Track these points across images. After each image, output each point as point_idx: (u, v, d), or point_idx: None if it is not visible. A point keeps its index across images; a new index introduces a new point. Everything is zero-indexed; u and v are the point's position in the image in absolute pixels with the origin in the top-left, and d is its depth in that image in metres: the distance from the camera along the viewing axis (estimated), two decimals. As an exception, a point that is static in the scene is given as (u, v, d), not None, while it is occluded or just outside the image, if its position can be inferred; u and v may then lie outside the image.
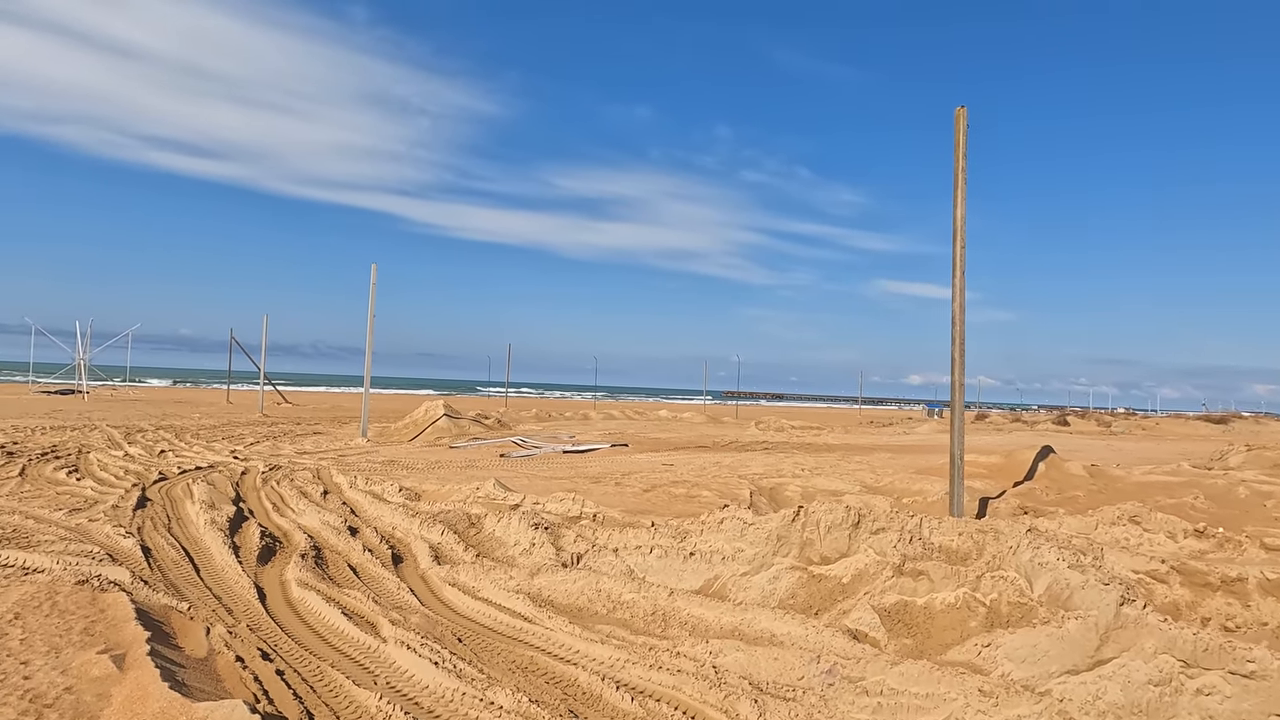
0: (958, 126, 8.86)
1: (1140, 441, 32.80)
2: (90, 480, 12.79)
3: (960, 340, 8.75)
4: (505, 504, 10.92)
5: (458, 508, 10.95)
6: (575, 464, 17.47)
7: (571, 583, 7.20)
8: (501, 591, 7.25)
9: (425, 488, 13.03)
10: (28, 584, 6.06)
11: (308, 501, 11.69)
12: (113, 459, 16.06)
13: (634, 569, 7.57)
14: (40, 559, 6.95)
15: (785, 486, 12.32)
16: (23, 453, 16.61)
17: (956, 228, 8.78)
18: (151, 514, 9.92)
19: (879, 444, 27.39)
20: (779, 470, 15.51)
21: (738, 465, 16.87)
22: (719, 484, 12.24)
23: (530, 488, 12.55)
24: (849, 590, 6.50)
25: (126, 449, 18.16)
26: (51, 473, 13.80)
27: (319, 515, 10.49)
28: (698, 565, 7.36)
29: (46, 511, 9.67)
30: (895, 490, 11.64)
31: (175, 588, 6.74)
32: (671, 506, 10.35)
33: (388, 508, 11.06)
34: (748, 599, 6.75)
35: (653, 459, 18.64)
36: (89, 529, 8.63)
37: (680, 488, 11.95)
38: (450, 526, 9.72)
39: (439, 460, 18.24)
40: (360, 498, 12.25)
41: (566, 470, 15.90)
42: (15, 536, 8.05)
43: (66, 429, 24.00)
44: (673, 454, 20.40)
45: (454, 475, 15.01)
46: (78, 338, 57.85)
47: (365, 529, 9.82)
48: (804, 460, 18.34)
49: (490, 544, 9.14)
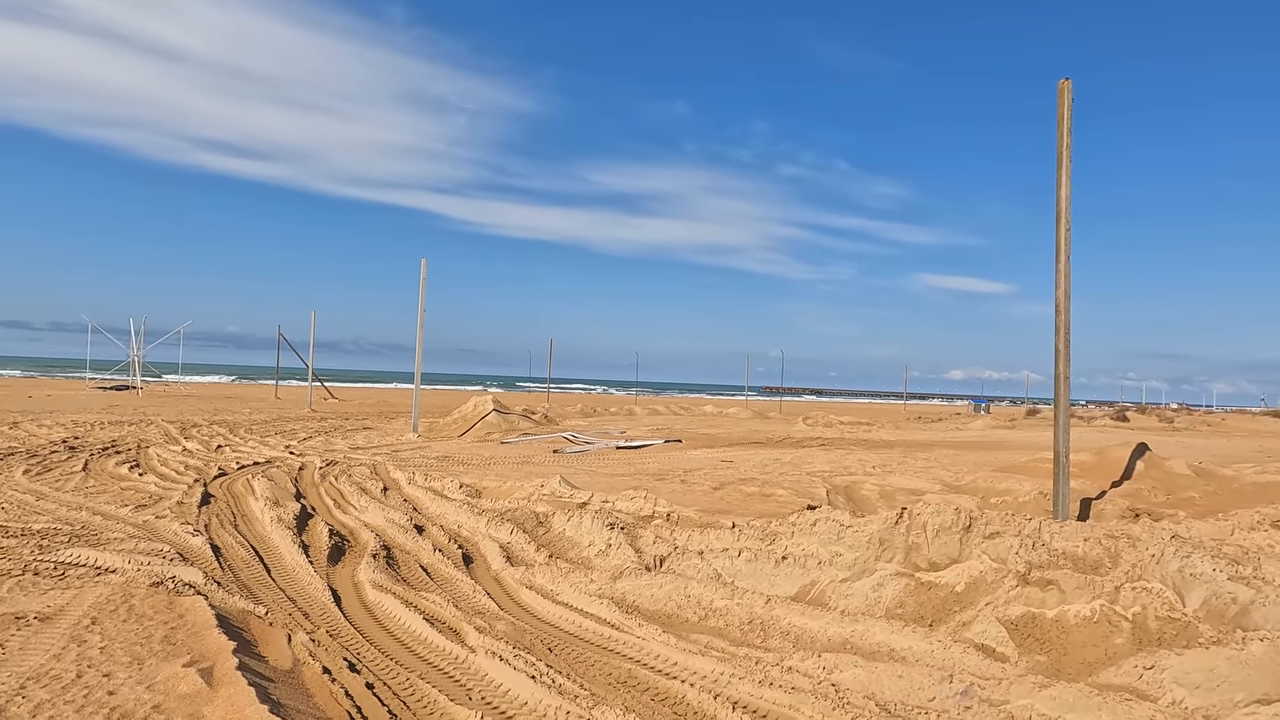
0: (1061, 100, 8.24)
1: (1209, 438, 31.43)
2: (153, 476, 12.73)
3: (1065, 330, 8.14)
4: (572, 502, 10.56)
5: (523, 506, 10.62)
6: (632, 460, 17.09)
7: (657, 587, 6.80)
8: (583, 596, 6.87)
9: (485, 484, 12.74)
10: (101, 585, 5.82)
11: (369, 498, 11.46)
12: (172, 454, 16.08)
13: (721, 573, 7.14)
14: (112, 558, 6.74)
15: (859, 485, 11.77)
16: (84, 447, 16.73)
17: (1060, 209, 8.17)
18: (217, 511, 9.75)
19: (936, 440, 26.58)
20: (846, 468, 14.95)
21: (800, 462, 16.33)
22: (790, 482, 11.74)
23: (594, 485, 12.18)
24: (964, 600, 5.99)
25: (184, 444, 18.23)
26: (114, 468, 13.81)
27: (383, 513, 10.24)
28: (791, 570, 6.90)
29: (113, 507, 9.55)
30: (979, 489, 11.03)
31: (249, 590, 6.48)
32: (747, 506, 9.89)
33: (450, 505, 10.77)
34: (850, 607, 6.28)
35: (710, 455, 18.18)
36: (157, 526, 8.45)
37: (751, 486, 11.48)
38: (519, 525, 9.39)
39: (493, 456, 17.99)
40: (420, 494, 12.00)
41: (625, 467, 15.52)
42: (85, 534, 7.88)
43: (124, 424, 24.31)
44: (729, 450, 19.92)
45: (512, 472, 14.72)
46: (131, 335, 59.16)
47: (431, 527, 9.53)
48: (867, 457, 17.73)
49: (562, 544, 8.77)
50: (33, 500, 10.03)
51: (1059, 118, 8.24)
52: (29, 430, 20.53)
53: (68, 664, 4.22)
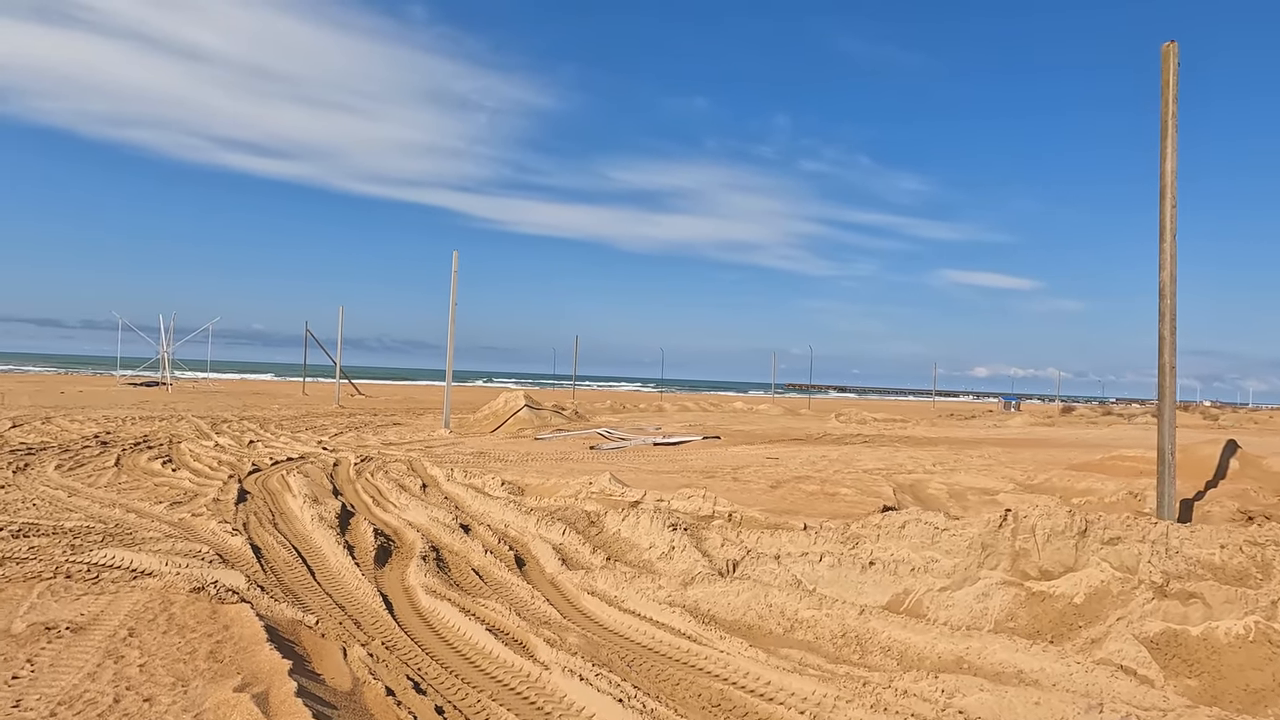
0: (1166, 65, 7.55)
1: (1263, 435, 30.29)
2: (186, 471, 12.36)
3: (1170, 315, 7.46)
4: (624, 501, 10.02)
5: (572, 504, 10.09)
6: (673, 457, 16.52)
7: (734, 595, 6.23)
8: (652, 603, 6.32)
9: (528, 481, 12.23)
10: (138, 591, 5.35)
11: (408, 495, 10.99)
12: (204, 449, 15.75)
13: (802, 579, 6.55)
14: (148, 560, 6.29)
15: (924, 484, 11.12)
16: (116, 442, 16.46)
17: (1165, 184, 7.48)
18: (254, 509, 9.31)
19: (979, 437, 25.74)
20: (900, 465, 14.28)
21: (848, 459, 15.67)
22: (851, 480, 11.11)
23: (642, 482, 11.62)
24: (1087, 614, 5.36)
25: (216, 439, 17.92)
26: (146, 463, 13.47)
27: (425, 511, 9.75)
28: (880, 576, 6.30)
29: (147, 504, 9.14)
30: (1056, 489, 10.34)
31: (294, 595, 5.99)
32: (813, 506, 9.29)
33: (495, 503, 10.26)
34: (953, 619, 5.67)
35: (753, 452, 17.56)
36: (193, 525, 8.01)
37: (810, 484, 10.87)
38: (570, 525, 8.85)
39: (529, 452, 17.50)
40: (460, 492, 11.51)
41: (668, 464, 14.95)
42: (119, 533, 7.45)
43: (155, 419, 24.14)
44: (770, 447, 19.28)
45: (553, 469, 14.20)
46: (161, 332, 59.53)
47: (478, 526, 9.03)
48: (918, 455, 17.02)
49: (619, 546, 8.23)
50: (65, 496, 9.65)
51: (1163, 84, 7.54)
52: (61, 425, 20.35)
53: (104, 685, 3.73)
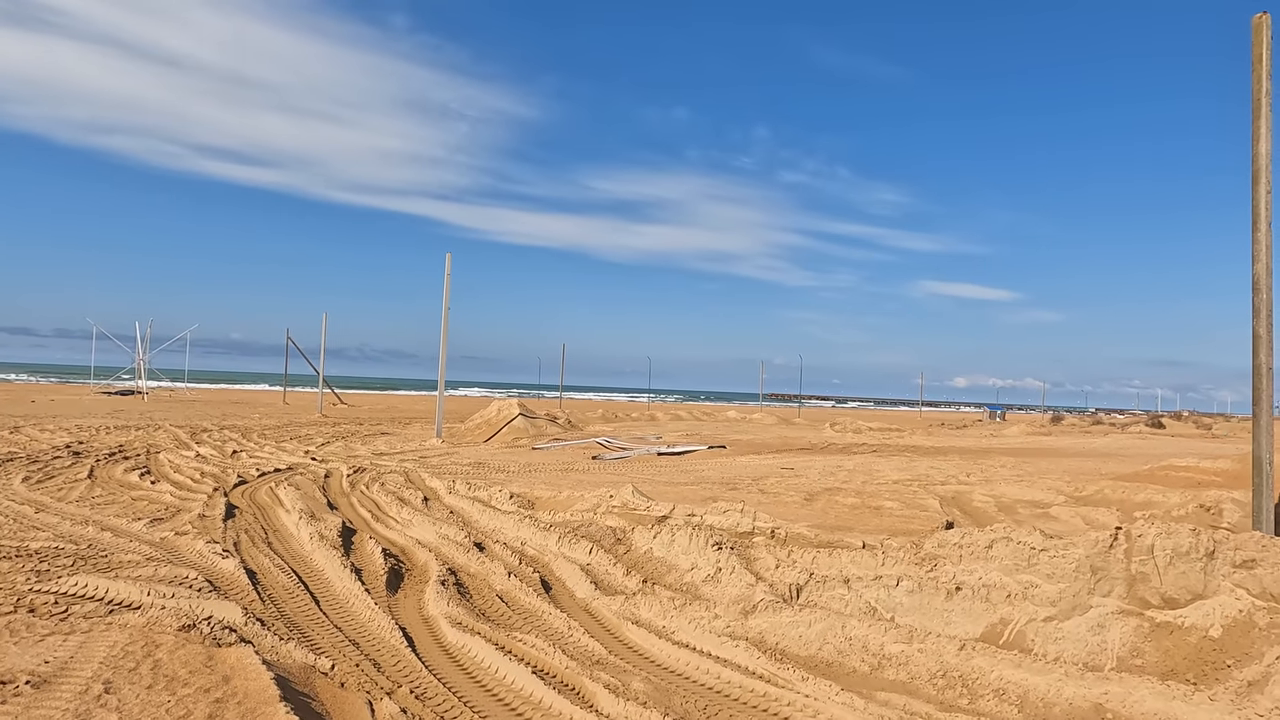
0: (1259, 39, 6.91)
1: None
2: (167, 484, 11.40)
3: (1266, 312, 6.79)
4: (650, 515, 9.22)
5: (591, 519, 9.28)
6: (683, 467, 15.73)
7: (805, 626, 5.44)
8: (709, 636, 5.52)
9: (538, 494, 11.39)
10: (116, 629, 4.48)
11: (410, 510, 10.13)
12: (184, 460, 14.76)
13: (877, 607, 5.78)
14: (127, 589, 5.41)
15: (967, 496, 10.40)
16: (90, 453, 15.42)
17: (1260, 168, 6.83)
18: (244, 526, 8.41)
19: (985, 447, 25.19)
20: (925, 476, 13.58)
21: (865, 470, 14.97)
22: (889, 492, 10.38)
23: (660, 495, 10.83)
24: (1228, 649, 4.63)
25: (197, 449, 16.90)
26: (123, 474, 12.47)
27: (433, 527, 8.90)
28: (970, 604, 5.54)
29: (124, 521, 8.21)
30: (1111, 501, 9.66)
31: (300, 630, 5.14)
32: (861, 521, 8.53)
33: (507, 518, 9.42)
34: (1066, 654, 4.92)
35: (764, 462, 16.81)
36: (178, 545, 7.11)
37: (845, 496, 10.12)
38: (595, 542, 8.04)
39: (529, 463, 16.64)
40: (466, 506, 10.66)
41: (681, 475, 14.17)
42: (92, 555, 6.54)
43: (131, 428, 23.02)
44: (779, 457, 18.55)
45: (559, 480, 13.37)
46: (138, 339, 57.92)
47: (493, 545, 8.19)
48: (938, 464, 16.35)
49: (655, 567, 7.42)
50: (31, 512, 8.70)
51: (1255, 59, 6.90)
52: (30, 435, 19.22)
53: (72, 764, 2.89)
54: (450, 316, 22.43)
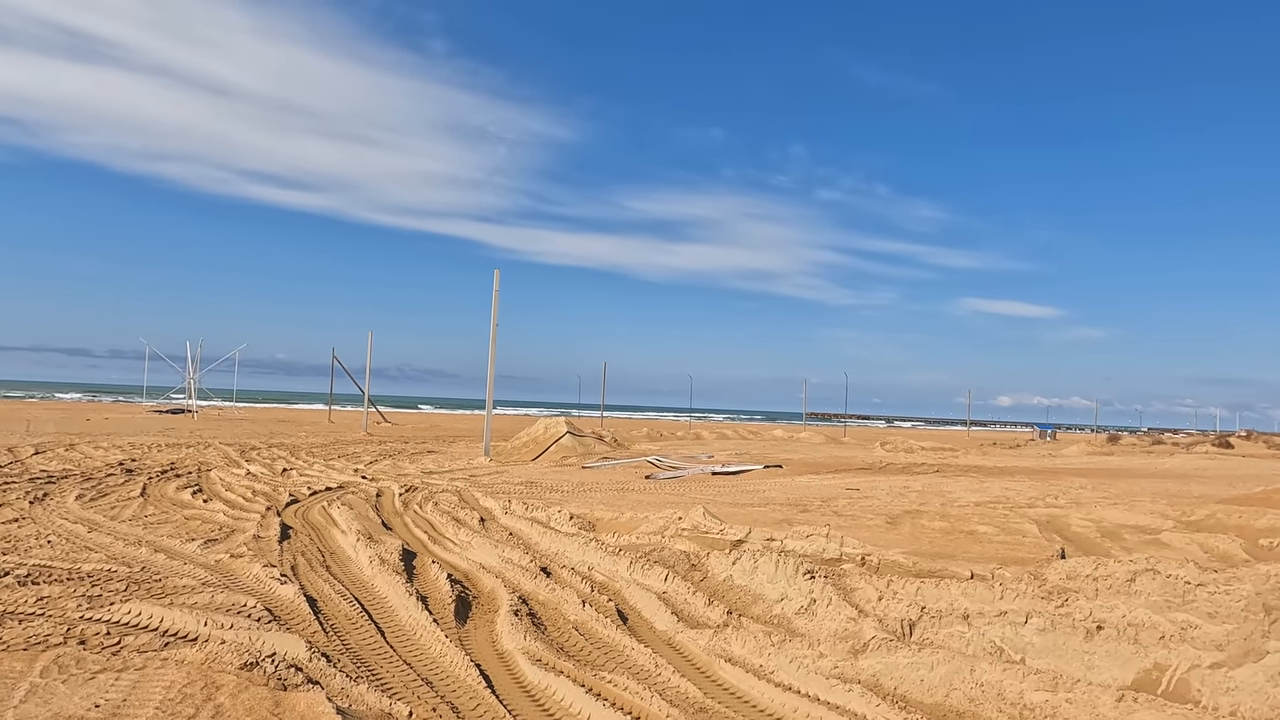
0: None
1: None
2: (219, 503, 11.13)
3: None
4: (724, 539, 8.64)
5: (659, 542, 8.73)
6: (742, 487, 15.10)
7: (927, 668, 4.83)
8: (816, 678, 4.93)
9: (597, 515, 10.88)
10: (172, 666, 4.05)
11: (467, 531, 9.69)
12: (235, 478, 14.56)
13: (1004, 647, 5.14)
14: (183, 618, 5.00)
15: (1063, 520, 9.63)
16: (142, 470, 15.32)
17: None
18: (300, 547, 8.03)
19: (1052, 467, 24.10)
20: (1002, 498, 12.79)
21: (938, 491, 14.20)
22: (977, 516, 9.67)
23: (727, 516, 10.24)
24: None
25: (247, 467, 16.74)
26: (175, 493, 12.26)
27: (494, 550, 8.44)
28: (1115, 646, 4.87)
29: (178, 542, 7.88)
30: (1228, 526, 8.83)
31: (368, 668, 4.67)
32: (960, 548, 7.87)
33: (570, 541, 8.92)
34: (1244, 709, 4.23)
35: (826, 482, 16.11)
36: (234, 569, 6.73)
37: (930, 519, 9.45)
38: (670, 569, 7.49)
39: (582, 482, 16.15)
40: (524, 527, 10.18)
41: (743, 495, 13.55)
42: (145, 579, 6.18)
43: (181, 446, 23.10)
44: (839, 477, 17.82)
45: (616, 500, 12.85)
46: (188, 359, 59.07)
47: (559, 570, 7.68)
48: (1013, 486, 15.50)
49: (738, 596, 6.84)
50: (84, 532, 8.43)
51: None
52: (85, 452, 19.30)
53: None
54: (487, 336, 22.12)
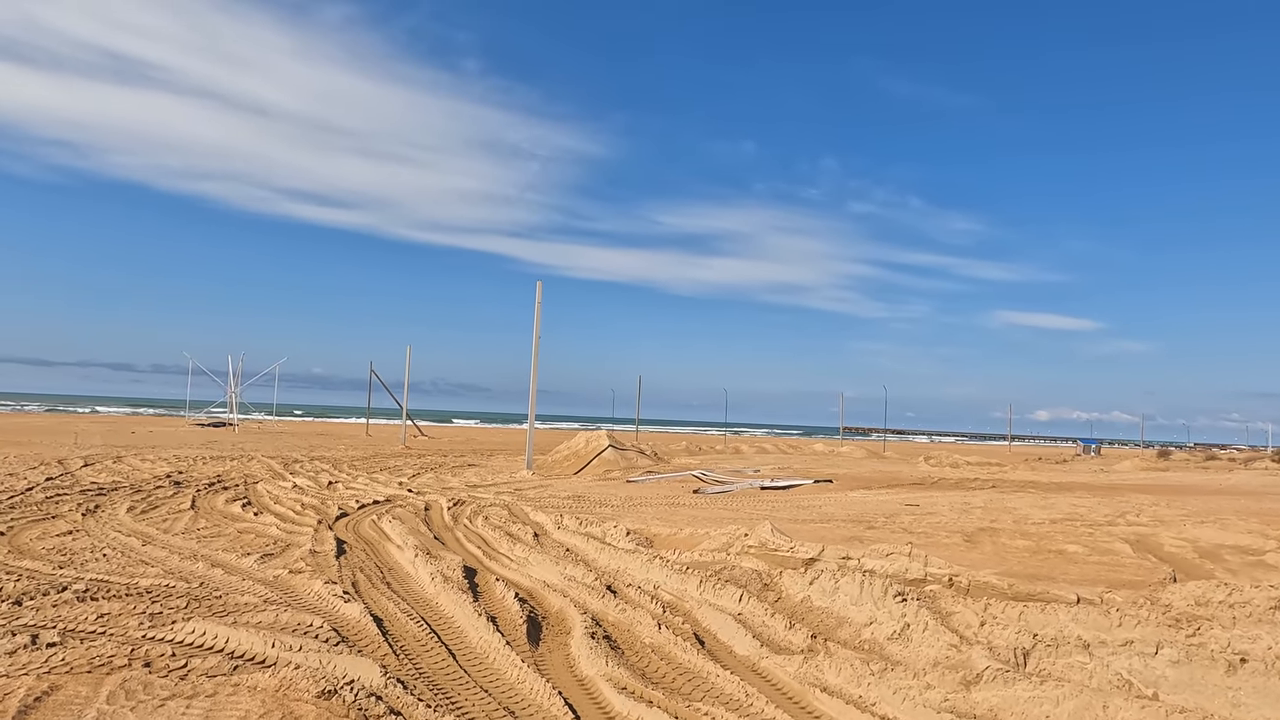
0: None
1: None
2: (270, 516, 10.97)
3: None
4: (795, 557, 8.23)
5: (725, 560, 8.35)
6: (796, 503, 14.64)
7: (1052, 703, 4.39)
8: (926, 711, 4.52)
9: (654, 530, 10.53)
10: (244, 693, 3.78)
11: (523, 546, 9.38)
12: (283, 490, 14.45)
13: (1133, 680, 4.68)
14: (250, 639, 4.73)
15: (1155, 539, 9.05)
16: (190, 482, 15.29)
17: None
18: (358, 563, 7.78)
19: (1110, 483, 23.23)
20: (1075, 514, 12.19)
21: (1001, 507, 13.62)
22: (1059, 534, 9.15)
23: (794, 534, 9.81)
24: None
25: (293, 480, 16.65)
26: (224, 505, 12.15)
27: (555, 567, 8.12)
28: (1264, 681, 4.40)
29: (234, 556, 7.68)
30: (1339, 548, 8.22)
31: (445, 695, 4.36)
32: (1054, 568, 7.38)
33: (631, 558, 8.57)
34: None
35: (882, 498, 15.58)
36: (294, 585, 6.48)
37: (1009, 538, 8.94)
38: (743, 588, 7.11)
39: (630, 496, 15.80)
40: (579, 542, 9.86)
41: (800, 511, 13.10)
42: (205, 595, 5.95)
43: (225, 459, 23.19)
44: (895, 492, 17.26)
45: (670, 515, 12.48)
46: (229, 373, 59.89)
47: (624, 589, 7.33)
48: (1082, 502, 14.84)
49: (820, 619, 6.43)
50: (138, 545, 8.28)
51: None
52: (132, 464, 19.41)
53: None
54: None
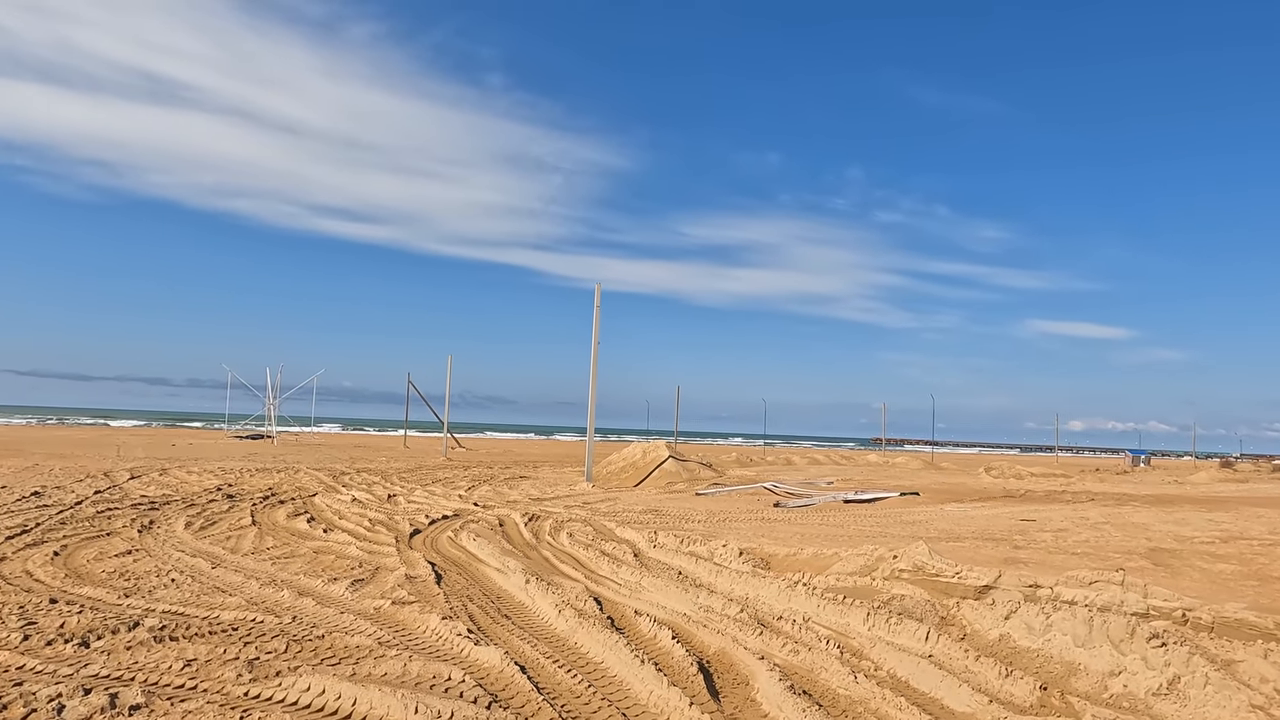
0: None
1: None
2: (343, 534, 9.99)
3: None
4: (962, 584, 7.04)
5: (872, 586, 7.19)
6: (895, 517, 13.41)
7: None
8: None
9: (769, 550, 9.39)
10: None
11: (627, 568, 8.32)
12: (343, 505, 13.52)
13: None
14: (385, 703, 3.68)
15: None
16: (243, 496, 14.42)
17: None
18: (461, 590, 6.73)
19: (1204, 496, 21.67)
20: (1236, 532, 10.86)
21: (1121, 522, 12.32)
22: (1263, 556, 7.88)
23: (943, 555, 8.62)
24: None
25: (352, 493, 15.72)
26: (286, 520, 11.21)
27: (684, 595, 7.03)
28: None
29: (319, 583, 6.66)
30: None
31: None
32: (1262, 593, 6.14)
33: (763, 584, 7.44)
34: None
35: (987, 512, 14.30)
36: (405, 622, 5.44)
37: (1211, 562, 7.70)
38: (919, 622, 5.96)
39: (712, 511, 14.65)
40: (687, 564, 8.76)
41: (907, 528, 11.89)
42: (305, 635, 4.91)
43: (271, 471, 22.43)
44: (994, 505, 15.96)
45: (767, 531, 11.33)
46: (268, 385, 59.65)
47: (778, 623, 6.21)
48: (1213, 517, 13.47)
49: (1038, 664, 5.26)
50: (208, 567, 7.31)
51: None
52: (179, 477, 18.65)
53: None
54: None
